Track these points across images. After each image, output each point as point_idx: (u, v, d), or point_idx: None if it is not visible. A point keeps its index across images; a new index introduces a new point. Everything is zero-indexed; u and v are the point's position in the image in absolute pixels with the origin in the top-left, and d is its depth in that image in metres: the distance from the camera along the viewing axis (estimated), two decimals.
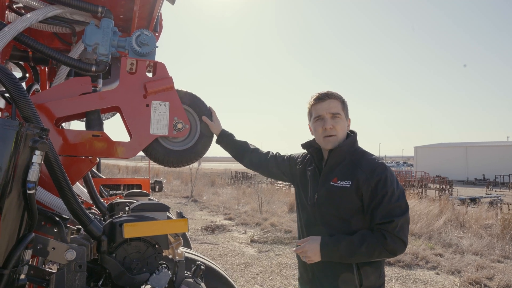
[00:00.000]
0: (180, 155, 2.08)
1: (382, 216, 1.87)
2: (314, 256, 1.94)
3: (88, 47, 1.86)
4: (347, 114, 2.13)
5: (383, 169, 1.95)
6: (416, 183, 23.85)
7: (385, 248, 1.84)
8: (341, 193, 1.96)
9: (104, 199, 2.93)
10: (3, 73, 1.27)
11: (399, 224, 1.85)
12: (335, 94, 2.10)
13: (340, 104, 2.08)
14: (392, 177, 1.95)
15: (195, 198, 17.43)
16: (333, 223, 2.00)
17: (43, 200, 1.56)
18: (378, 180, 1.91)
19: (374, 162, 1.99)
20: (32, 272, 1.32)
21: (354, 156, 2.05)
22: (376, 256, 1.88)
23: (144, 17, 2.38)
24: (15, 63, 2.66)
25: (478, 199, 16.13)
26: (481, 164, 41.97)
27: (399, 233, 1.84)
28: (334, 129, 2.04)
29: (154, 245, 1.60)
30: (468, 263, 7.09)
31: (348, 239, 1.89)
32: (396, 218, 1.85)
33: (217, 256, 7.54)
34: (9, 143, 1.09)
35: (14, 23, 1.74)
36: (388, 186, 1.90)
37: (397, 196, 1.91)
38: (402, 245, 1.87)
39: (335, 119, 2.05)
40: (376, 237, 1.86)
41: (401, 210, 1.89)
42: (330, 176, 2.04)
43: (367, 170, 1.95)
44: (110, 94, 1.89)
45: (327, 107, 2.06)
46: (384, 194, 1.89)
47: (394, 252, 1.87)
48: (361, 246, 1.85)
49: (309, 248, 1.94)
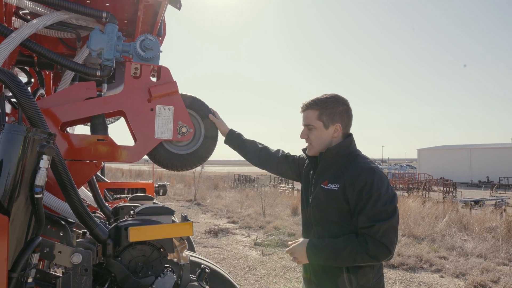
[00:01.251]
0: (185, 159, 2.09)
1: (365, 220, 1.84)
2: (301, 258, 1.98)
3: (92, 52, 1.88)
4: (328, 121, 2.07)
5: (371, 173, 1.91)
6: (420, 186, 23.76)
7: (367, 253, 1.81)
8: (330, 196, 1.97)
9: (109, 202, 2.95)
10: (10, 79, 1.29)
11: (382, 229, 1.80)
12: (314, 103, 2.09)
13: (316, 114, 2.06)
14: (381, 182, 1.90)
15: (199, 201, 17.43)
16: (326, 226, 2.01)
17: (49, 204, 1.57)
18: (364, 184, 1.88)
19: (363, 166, 1.96)
20: (38, 275, 1.33)
21: (347, 159, 2.04)
22: (360, 260, 1.85)
23: (148, 22, 2.40)
24: (20, 68, 2.68)
25: (482, 201, 16.05)
26: (485, 166, 41.75)
27: (382, 238, 1.80)
28: (309, 139, 2.11)
29: (159, 248, 1.60)
30: (472, 266, 7.05)
31: (332, 243, 1.89)
32: (378, 223, 1.80)
33: (220, 260, 7.54)
34: (16, 148, 1.11)
35: (20, 29, 1.76)
36: (374, 191, 1.86)
37: (383, 201, 1.85)
38: (385, 251, 1.81)
39: (309, 130, 2.11)
40: (359, 242, 1.83)
41: (386, 215, 1.84)
42: (322, 178, 2.06)
43: (354, 173, 1.93)
44: (115, 99, 1.90)
45: (304, 118, 2.13)
46: (368, 199, 1.85)
47: (376, 258, 1.82)
48: (344, 249, 1.84)
49: (297, 250, 2.00)
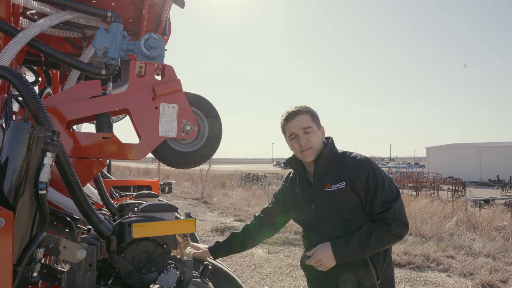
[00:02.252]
0: (188, 157, 2.11)
1: (381, 205, 1.97)
2: (329, 262, 1.98)
3: (98, 51, 1.90)
4: (319, 124, 2.21)
5: (368, 162, 2.06)
6: (428, 184, 23.57)
7: (392, 234, 1.94)
8: (338, 195, 2.03)
9: (115, 200, 2.98)
10: (16, 78, 1.32)
11: (397, 208, 1.95)
12: (302, 109, 2.18)
13: (310, 117, 2.16)
14: (378, 168, 2.07)
15: (206, 199, 17.51)
16: (338, 227, 2.05)
17: (55, 201, 1.60)
18: (367, 173, 2.01)
19: (358, 158, 2.09)
20: (45, 270, 1.36)
21: (337, 159, 2.14)
22: (386, 243, 1.97)
23: (152, 21, 2.42)
24: (28, 68, 2.72)
25: (492, 200, 15.87)
26: (495, 165, 41.22)
27: (399, 216, 1.95)
28: (309, 142, 2.12)
29: (163, 245, 1.62)
30: (481, 265, 6.98)
31: (356, 236, 1.96)
32: (393, 203, 1.95)
33: (226, 257, 7.57)
34: (22, 145, 1.13)
35: (28, 29, 1.80)
36: (378, 176, 2.01)
37: (387, 183, 2.02)
38: (404, 227, 1.97)
39: (308, 133, 2.14)
40: (380, 226, 1.95)
41: (394, 195, 2.00)
42: (322, 184, 2.09)
43: (354, 167, 2.05)
44: (120, 97, 1.93)
45: (297, 124, 2.14)
46: (376, 185, 1.99)
47: (400, 235, 1.97)
48: (369, 238, 1.93)
49: (322, 255, 1.98)
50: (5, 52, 1.66)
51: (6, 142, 1.15)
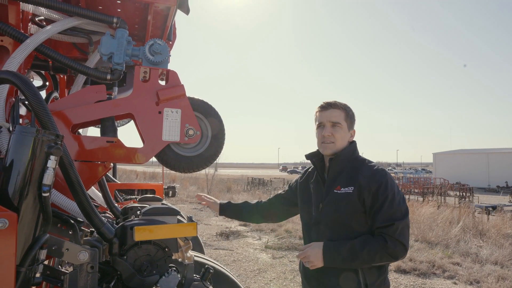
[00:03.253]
0: (191, 161, 2.13)
1: (383, 220, 1.91)
2: (316, 261, 1.97)
3: (103, 56, 1.94)
4: (350, 125, 2.19)
5: (384, 175, 2.01)
6: (435, 190, 23.37)
7: (386, 252, 1.87)
8: (345, 199, 2.01)
9: (119, 203, 3.01)
10: (23, 83, 1.35)
11: (400, 228, 1.89)
12: (339, 104, 2.17)
13: (343, 114, 2.15)
14: (393, 183, 2.00)
15: None
16: (337, 231, 2.03)
17: (59, 204, 1.63)
18: (379, 185, 1.96)
19: (375, 168, 2.05)
20: (48, 272, 1.39)
21: (355, 163, 2.11)
22: (378, 260, 1.90)
23: (158, 27, 2.46)
24: (36, 72, 2.78)
25: (500, 207, 15.67)
26: (503, 171, 40.76)
27: (400, 236, 1.88)
28: (333, 136, 2.12)
29: (164, 248, 1.64)
30: (488, 273, 6.90)
31: (350, 244, 1.93)
32: (396, 221, 1.89)
33: (231, 262, 7.57)
34: (26, 148, 1.16)
35: (36, 35, 1.84)
36: (389, 191, 1.95)
37: (398, 200, 1.95)
38: (402, 249, 1.89)
39: (334, 128, 2.13)
40: (377, 241, 1.89)
41: (401, 214, 1.93)
42: (334, 184, 2.09)
43: (367, 175, 2.01)
44: (124, 102, 1.95)
45: (328, 116, 2.15)
46: (385, 198, 1.93)
47: (395, 256, 1.89)
48: (362, 250, 1.88)
49: (312, 253, 1.98)
50: (14, 58, 1.71)
51: (11, 145, 1.18)
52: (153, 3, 2.06)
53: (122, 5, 2.12)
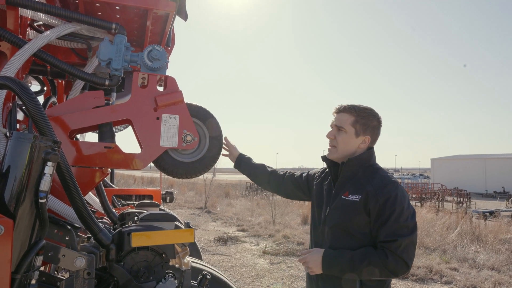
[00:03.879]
0: (189, 167, 2.13)
1: (387, 234, 1.85)
2: (315, 268, 1.95)
3: (102, 62, 1.94)
4: (360, 130, 2.08)
5: (394, 188, 1.92)
6: (433, 196, 23.38)
7: (386, 268, 1.81)
8: (351, 207, 1.96)
9: (116, 209, 3.00)
10: (20, 88, 1.35)
11: (403, 245, 1.81)
12: (352, 108, 2.09)
13: (351, 119, 2.07)
14: (403, 197, 1.92)
15: (209, 209, 17.47)
16: (340, 238, 1.99)
17: (56, 209, 1.62)
18: (387, 197, 1.88)
19: (386, 180, 1.96)
20: (44, 278, 1.38)
21: (368, 171, 2.04)
22: (377, 275, 1.85)
23: (157, 33, 2.46)
24: (34, 77, 2.78)
25: (497, 212, 15.69)
26: (500, 176, 40.93)
27: (403, 253, 1.81)
28: (334, 140, 2.09)
29: (161, 254, 1.63)
30: (485, 278, 6.90)
31: (350, 254, 1.88)
32: (400, 238, 1.82)
33: (228, 268, 7.53)
34: (23, 154, 1.16)
35: (34, 40, 1.84)
36: (397, 205, 1.87)
37: (405, 216, 1.87)
38: (404, 267, 1.83)
39: (338, 132, 2.10)
40: (378, 255, 1.83)
41: (407, 231, 1.85)
42: (342, 190, 2.04)
43: (377, 186, 1.93)
44: (122, 108, 1.96)
45: (337, 119, 2.12)
46: (391, 212, 1.86)
47: (395, 273, 1.83)
48: (362, 262, 1.83)
49: (311, 259, 1.97)
50: (12, 63, 1.71)
51: (8, 151, 1.18)
52: (152, 9, 2.06)
53: (121, 11, 2.13)
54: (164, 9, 2.08)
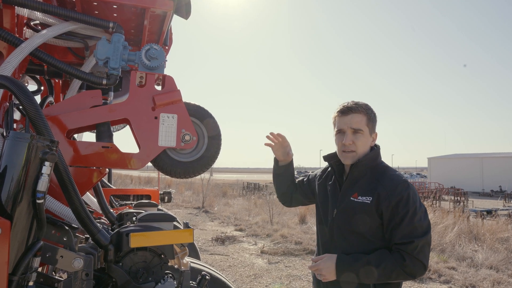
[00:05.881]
0: (187, 166, 2.11)
1: (402, 236, 1.80)
2: (329, 275, 1.87)
3: (99, 61, 1.92)
4: (372, 128, 2.04)
5: (406, 187, 1.87)
6: (430, 195, 23.45)
7: (404, 270, 1.77)
8: (361, 209, 1.89)
9: (114, 209, 2.98)
10: (17, 87, 1.33)
11: (420, 246, 1.77)
12: (360, 107, 2.01)
13: (365, 119, 2.00)
14: (415, 196, 1.87)
15: (207, 209, 17.46)
16: (351, 240, 1.93)
17: (53, 210, 1.60)
18: (400, 198, 1.83)
19: (397, 179, 1.91)
20: (41, 279, 1.36)
21: (376, 171, 1.98)
22: (394, 277, 1.80)
23: (154, 31, 2.45)
24: (31, 77, 2.75)
25: (495, 211, 15.75)
26: (497, 175, 41.13)
27: (419, 254, 1.77)
28: (354, 144, 1.97)
29: (160, 254, 1.62)
30: (483, 277, 6.92)
31: (365, 259, 1.82)
32: (416, 239, 1.77)
33: (226, 267, 7.52)
34: (20, 154, 1.14)
35: (31, 39, 1.82)
36: (410, 205, 1.83)
37: (419, 216, 1.83)
38: (421, 268, 1.79)
39: (356, 135, 1.98)
40: (394, 258, 1.78)
41: (422, 231, 1.81)
42: (351, 191, 1.98)
43: (388, 187, 1.87)
44: (120, 107, 1.94)
45: (349, 122, 1.99)
46: (405, 214, 1.81)
47: (413, 275, 1.79)
48: (378, 266, 1.78)
49: (324, 266, 1.89)
50: (8, 62, 1.69)
51: (5, 151, 1.16)
52: (150, 8, 2.05)
53: (118, 10, 2.11)
54: (162, 8, 2.07)
